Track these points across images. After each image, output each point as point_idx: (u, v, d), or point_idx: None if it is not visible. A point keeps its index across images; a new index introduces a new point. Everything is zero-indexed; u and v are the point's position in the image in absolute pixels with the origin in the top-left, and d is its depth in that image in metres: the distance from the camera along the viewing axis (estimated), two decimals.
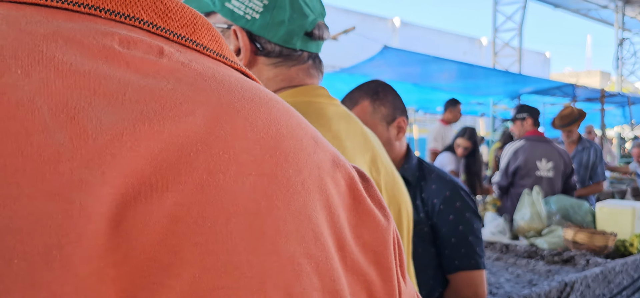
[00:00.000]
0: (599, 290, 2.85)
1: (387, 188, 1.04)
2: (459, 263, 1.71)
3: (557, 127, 5.27)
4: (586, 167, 5.20)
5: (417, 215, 1.73)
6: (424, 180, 1.78)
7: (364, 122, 1.75)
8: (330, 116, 0.97)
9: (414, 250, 1.68)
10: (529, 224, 3.65)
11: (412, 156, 1.81)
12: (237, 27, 0.95)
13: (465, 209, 1.73)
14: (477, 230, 1.75)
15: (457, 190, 1.75)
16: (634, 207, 3.60)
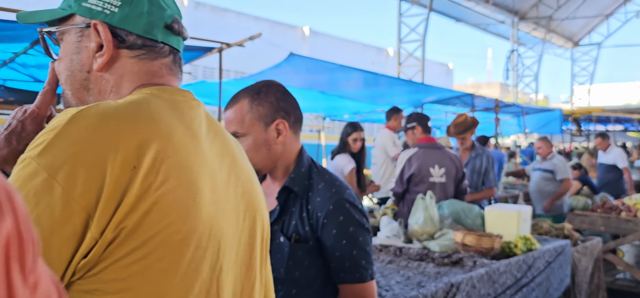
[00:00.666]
0: (484, 290, 2.94)
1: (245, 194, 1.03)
2: (344, 276, 1.69)
3: (452, 134, 5.45)
4: (479, 173, 5.41)
5: (303, 229, 1.70)
6: (311, 190, 1.74)
7: (241, 120, 1.70)
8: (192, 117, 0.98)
9: (300, 262, 1.68)
10: (422, 228, 3.72)
11: (302, 164, 1.77)
12: (98, 22, 0.97)
13: (349, 223, 1.69)
14: (363, 242, 1.71)
15: (341, 203, 1.70)
16: (519, 210, 3.76)
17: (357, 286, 1.69)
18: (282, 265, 1.67)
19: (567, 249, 3.94)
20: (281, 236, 1.70)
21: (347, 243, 1.68)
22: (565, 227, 4.53)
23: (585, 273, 4.33)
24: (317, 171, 1.79)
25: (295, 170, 1.75)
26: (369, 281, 1.71)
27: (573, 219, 6.24)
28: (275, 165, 1.77)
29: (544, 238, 4.09)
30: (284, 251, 1.68)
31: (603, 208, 6.17)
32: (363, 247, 1.71)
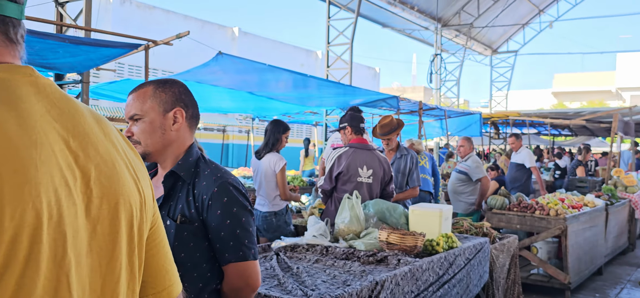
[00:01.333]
0: (407, 288, 3.02)
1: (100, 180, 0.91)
2: (229, 256, 1.79)
3: (378, 135, 5.57)
4: (403, 173, 5.55)
5: (188, 211, 1.80)
6: (198, 177, 1.84)
7: (142, 102, 1.81)
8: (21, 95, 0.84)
9: (185, 244, 1.79)
10: (348, 227, 3.78)
11: (191, 155, 1.88)
12: None
13: (233, 204, 1.80)
14: (246, 223, 1.82)
15: (225, 186, 1.81)
16: (441, 209, 3.89)
17: (241, 264, 1.79)
18: None
19: (486, 246, 4.12)
20: (167, 219, 1.79)
21: (231, 223, 1.79)
22: (484, 225, 4.73)
23: (502, 269, 4.54)
24: (204, 162, 1.91)
25: (184, 158, 1.87)
26: (252, 260, 1.82)
27: (491, 218, 6.53)
28: (165, 152, 1.87)
29: (464, 236, 4.26)
30: (170, 233, 1.77)
31: (519, 207, 6.49)
32: (246, 227, 1.82)
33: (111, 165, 0.95)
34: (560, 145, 26.07)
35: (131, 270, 0.98)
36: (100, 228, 0.90)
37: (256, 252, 1.84)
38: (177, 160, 1.87)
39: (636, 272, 8.06)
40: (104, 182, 0.91)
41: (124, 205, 0.95)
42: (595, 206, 7.37)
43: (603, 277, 7.58)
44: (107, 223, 0.91)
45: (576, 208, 6.83)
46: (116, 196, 0.93)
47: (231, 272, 1.81)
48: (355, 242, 3.61)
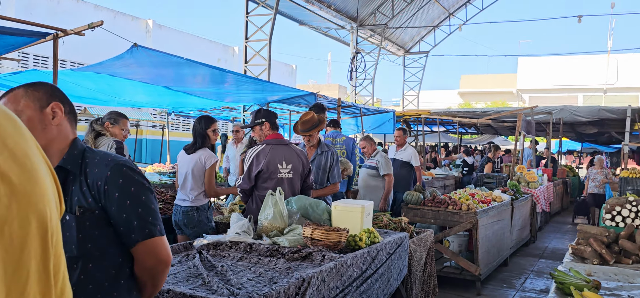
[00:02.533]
0: (333, 283, 3.05)
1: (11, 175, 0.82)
2: (135, 236, 1.77)
3: (299, 131, 5.58)
4: (324, 170, 5.61)
5: (85, 201, 1.77)
6: (88, 167, 1.82)
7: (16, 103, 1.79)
8: None
9: (90, 234, 1.76)
10: (272, 224, 3.76)
11: (76, 147, 1.86)
12: None
13: (130, 184, 1.78)
14: (147, 200, 1.80)
15: (119, 167, 1.78)
16: (363, 205, 3.97)
17: (148, 242, 1.78)
18: (72, 242, 1.73)
19: (405, 241, 4.24)
20: (66, 215, 1.75)
21: (132, 203, 1.77)
22: (402, 220, 4.87)
23: (419, 263, 4.69)
24: (90, 152, 1.88)
25: (68, 152, 1.83)
26: (160, 236, 1.81)
27: (407, 213, 6.73)
28: (50, 150, 1.82)
29: (384, 231, 4.36)
30: (72, 227, 1.74)
31: (433, 202, 6.74)
32: (148, 205, 1.80)
33: (22, 162, 0.86)
34: (466, 143, 27.34)
35: (45, 279, 0.88)
36: (7, 229, 0.81)
37: (162, 228, 1.83)
38: (62, 155, 1.83)
39: (538, 262, 8.59)
40: (14, 180, 0.82)
41: (37, 205, 0.86)
42: (503, 201, 7.78)
43: (509, 267, 8.02)
44: (16, 224, 0.82)
45: (485, 203, 7.18)
46: (28, 196, 0.85)
47: (141, 252, 1.79)
48: (279, 238, 3.61)
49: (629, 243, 4.00)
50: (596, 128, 19.15)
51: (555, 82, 50.38)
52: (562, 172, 16.35)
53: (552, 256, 9.18)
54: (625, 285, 3.29)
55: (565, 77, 49.71)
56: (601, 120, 17.61)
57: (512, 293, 6.67)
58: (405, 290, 4.38)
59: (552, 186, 12.92)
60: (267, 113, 4.84)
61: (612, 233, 4.14)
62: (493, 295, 6.56)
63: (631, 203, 5.95)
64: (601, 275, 3.53)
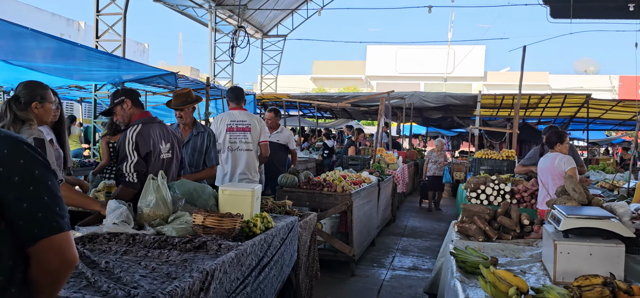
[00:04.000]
0: (234, 275, 2.78)
1: None
2: (39, 231, 1.42)
3: (172, 106, 5.14)
4: (201, 152, 5.24)
5: None
6: None
7: None
8: None
9: None
10: (154, 211, 3.37)
11: None
12: None
13: (33, 165, 1.43)
14: (54, 186, 1.47)
15: (18, 145, 1.43)
16: (253, 189, 3.70)
17: (56, 238, 1.44)
18: None
19: (296, 226, 4.06)
20: None
21: (35, 189, 1.42)
22: (286, 203, 4.68)
23: (304, 247, 4.54)
24: None
25: None
26: (68, 231, 1.48)
27: (282, 196, 6.56)
28: None
29: (273, 215, 4.14)
30: None
31: (308, 185, 6.64)
32: (54, 192, 1.47)
33: None
34: (322, 127, 27.94)
35: None
36: None
37: (69, 222, 1.49)
38: None
39: (401, 240, 8.92)
40: None
41: None
42: (371, 182, 7.93)
43: (376, 247, 8.22)
44: None
45: (357, 185, 7.25)
46: None
47: (44, 250, 1.42)
48: (165, 227, 3.23)
49: (507, 220, 4.19)
50: (441, 113, 20.55)
51: (400, 69, 53.46)
52: (412, 154, 17.28)
53: (413, 234, 9.60)
54: (514, 260, 3.40)
55: (410, 65, 52.96)
56: (446, 105, 18.91)
57: (384, 272, 6.82)
58: (294, 276, 4.21)
59: (407, 167, 13.57)
60: (127, 91, 4.31)
61: (491, 211, 4.31)
62: (366, 275, 6.64)
63: (493, 182, 6.33)
64: (489, 251, 3.63)
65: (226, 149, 5.94)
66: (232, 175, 5.96)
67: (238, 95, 6.06)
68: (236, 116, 6.02)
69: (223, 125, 5.97)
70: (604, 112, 18.86)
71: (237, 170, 5.95)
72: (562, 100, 17.09)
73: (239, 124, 6.01)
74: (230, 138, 5.96)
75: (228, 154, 5.93)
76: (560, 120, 20.91)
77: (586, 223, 3.01)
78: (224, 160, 5.94)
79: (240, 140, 5.97)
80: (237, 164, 5.95)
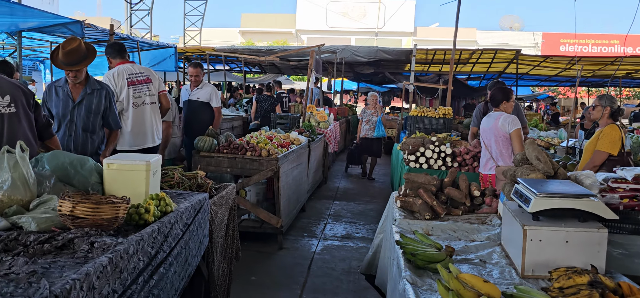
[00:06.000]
0: (108, 287, 2.01)
1: None
2: None
3: (60, 65, 4.19)
4: (96, 113, 4.36)
5: None
6: None
7: None
8: None
9: None
10: (10, 195, 2.53)
11: None
12: None
13: None
14: None
15: None
16: (149, 161, 2.91)
17: None
18: None
19: (206, 205, 3.30)
20: None
21: None
22: (197, 174, 3.90)
23: (220, 226, 3.80)
24: None
25: None
26: None
27: (199, 161, 5.77)
28: None
29: (177, 192, 3.36)
30: None
31: (229, 148, 5.86)
32: None
33: None
34: (250, 82, 26.86)
35: None
36: None
37: None
38: None
39: (333, 204, 8.34)
40: None
41: None
42: (301, 143, 7.24)
43: (307, 213, 7.59)
44: None
45: (285, 147, 6.54)
46: None
47: None
48: (23, 217, 2.41)
49: (456, 192, 3.60)
50: (373, 68, 20.04)
51: (331, 23, 52.63)
52: (344, 111, 16.70)
53: (345, 197, 9.05)
54: (470, 245, 2.81)
55: (340, 19, 52.22)
56: (378, 60, 18.37)
57: (315, 243, 6.20)
58: (206, 265, 3.47)
59: (338, 125, 12.96)
60: None
61: (438, 181, 3.71)
62: (296, 248, 6.00)
63: (433, 143, 5.77)
64: (440, 233, 3.03)
65: (130, 106, 5.17)
66: (139, 134, 5.22)
67: (121, 49, 5.35)
68: (133, 69, 5.27)
69: (122, 80, 5.17)
70: (532, 68, 18.95)
71: (144, 128, 5.24)
72: (493, 55, 16.93)
73: (138, 76, 5.28)
74: (134, 93, 5.20)
75: (132, 111, 5.17)
76: (490, 76, 20.92)
77: (562, 204, 2.44)
78: (126, 119, 5.16)
79: (145, 94, 5.27)
80: (143, 122, 5.23)
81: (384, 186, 10.20)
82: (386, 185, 10.23)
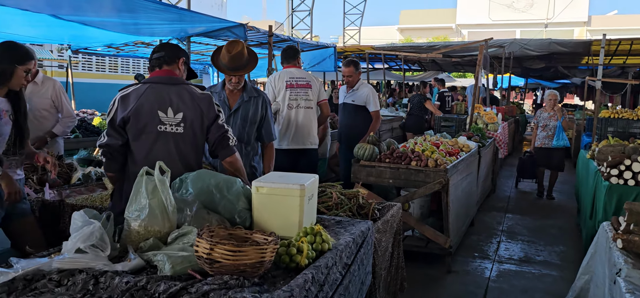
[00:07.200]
0: None
1: None
2: None
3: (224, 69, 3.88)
4: (253, 122, 4.03)
5: None
6: None
7: None
8: None
9: None
10: (147, 226, 2.18)
11: None
12: None
13: None
14: None
15: None
16: (303, 183, 2.42)
17: None
18: None
19: (369, 236, 2.74)
20: None
21: None
22: (359, 194, 3.37)
23: (384, 256, 3.23)
24: None
25: None
26: None
27: (359, 172, 5.27)
28: None
29: (335, 220, 2.84)
30: None
31: (392, 157, 5.28)
32: None
33: None
34: (410, 80, 26.11)
35: None
36: None
37: None
38: None
39: (505, 218, 7.40)
40: None
41: None
42: (471, 149, 6.44)
43: (476, 228, 6.76)
44: None
45: (453, 155, 5.80)
46: None
47: None
48: (158, 255, 2.03)
49: None
50: (544, 62, 18.27)
51: (494, 16, 49.90)
52: (511, 110, 15.33)
53: (518, 209, 8.03)
54: None
55: (504, 12, 49.28)
56: (550, 54, 16.66)
57: (488, 267, 5.40)
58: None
59: (507, 126, 11.78)
60: (157, 47, 3.16)
61: None
62: (466, 271, 5.25)
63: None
64: None
65: (285, 107, 5.27)
66: (292, 137, 5.28)
67: (291, 54, 5.51)
68: (295, 73, 5.37)
69: (282, 83, 5.30)
70: None
71: (295, 131, 5.28)
72: None
73: (298, 80, 5.35)
74: (290, 95, 5.29)
75: (288, 113, 5.27)
76: None
77: None
78: (280, 119, 5.28)
79: (301, 98, 5.32)
80: (297, 124, 5.29)
81: (562, 197, 8.93)
82: (565, 196, 8.95)
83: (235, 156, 3.13)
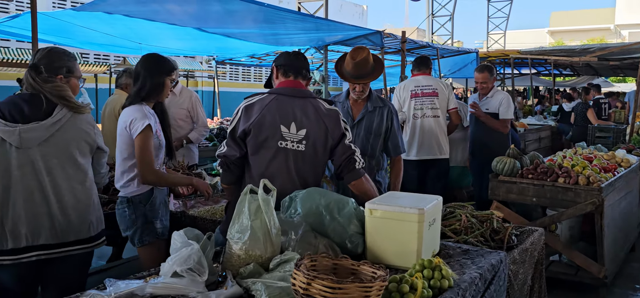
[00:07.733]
0: None
1: None
2: None
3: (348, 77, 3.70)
4: (377, 134, 3.79)
5: None
6: None
7: None
8: None
9: None
10: (248, 251, 2.02)
11: None
12: None
13: None
14: None
15: None
16: (423, 208, 2.13)
17: None
18: None
19: (501, 270, 2.37)
20: None
21: None
22: (493, 216, 2.98)
23: (521, 291, 2.81)
24: None
25: None
26: None
27: (498, 187, 4.80)
28: None
29: (462, 249, 2.50)
30: None
31: (535, 173, 4.75)
32: None
33: None
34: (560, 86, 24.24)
35: None
36: None
37: None
38: None
39: None
40: None
41: None
42: (630, 165, 5.63)
43: (636, 255, 5.91)
44: None
45: (609, 171, 5.09)
46: None
47: None
48: (257, 283, 1.86)
49: None
50: None
51: None
52: None
53: None
54: None
55: None
56: None
57: None
58: None
59: None
60: (282, 54, 3.00)
61: None
62: None
63: None
64: None
65: (410, 117, 5.23)
66: (419, 147, 5.22)
67: (421, 62, 5.46)
68: (421, 81, 5.29)
69: (406, 92, 5.25)
70: None
71: (421, 140, 5.20)
72: None
73: (424, 88, 5.24)
74: (415, 105, 5.22)
75: (413, 123, 5.22)
76: None
77: None
78: (407, 130, 5.25)
79: (427, 107, 5.21)
80: (423, 134, 5.19)
81: None
82: None
83: (363, 179, 2.88)
